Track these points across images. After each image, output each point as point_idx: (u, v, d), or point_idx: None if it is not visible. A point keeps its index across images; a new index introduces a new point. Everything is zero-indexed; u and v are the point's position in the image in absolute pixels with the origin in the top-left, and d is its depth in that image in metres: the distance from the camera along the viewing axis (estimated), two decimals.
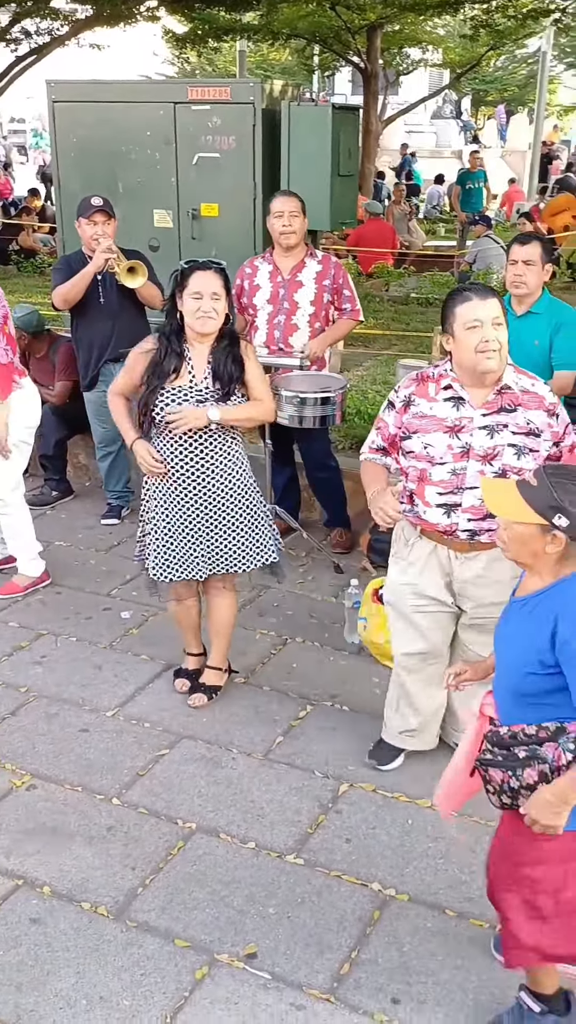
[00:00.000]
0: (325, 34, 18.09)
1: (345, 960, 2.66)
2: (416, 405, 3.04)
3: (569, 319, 4.19)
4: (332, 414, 4.62)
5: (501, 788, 2.20)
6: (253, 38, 17.98)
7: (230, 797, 3.30)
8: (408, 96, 24.85)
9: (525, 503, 2.11)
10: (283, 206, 4.73)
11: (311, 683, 3.98)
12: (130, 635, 4.36)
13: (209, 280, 3.32)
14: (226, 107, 6.92)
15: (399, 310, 10.01)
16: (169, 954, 2.68)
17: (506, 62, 32.25)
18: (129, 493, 5.65)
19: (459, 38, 19.14)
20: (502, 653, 2.28)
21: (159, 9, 14.47)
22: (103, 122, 7.27)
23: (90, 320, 5.17)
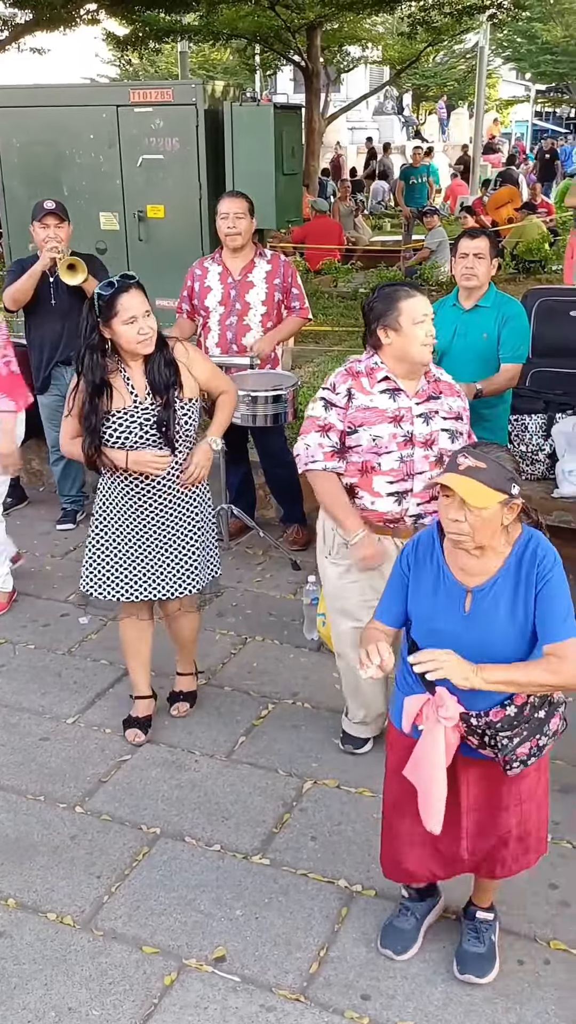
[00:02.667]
0: (266, 34, 18.07)
1: (314, 959, 2.66)
2: (356, 399, 3.11)
3: (516, 312, 4.23)
4: (284, 411, 4.63)
5: (529, 755, 2.30)
6: (194, 39, 17.91)
7: (194, 800, 3.29)
8: (350, 93, 24.96)
9: (487, 487, 2.17)
10: (228, 207, 4.70)
11: (272, 682, 3.98)
12: (89, 640, 4.32)
13: (138, 300, 3.13)
14: (168, 109, 6.92)
15: (348, 305, 10.04)
16: (137, 961, 2.66)
17: (445, 57, 32.53)
18: (83, 497, 5.60)
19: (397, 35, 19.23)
20: (471, 642, 2.27)
21: (99, 12, 14.36)
22: (46, 126, 7.23)
23: (41, 321, 5.15)
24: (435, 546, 2.38)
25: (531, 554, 2.28)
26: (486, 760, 2.37)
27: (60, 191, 7.12)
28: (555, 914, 2.80)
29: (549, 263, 11.66)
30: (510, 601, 2.27)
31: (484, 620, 2.28)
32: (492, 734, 2.28)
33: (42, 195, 7.27)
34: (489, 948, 2.62)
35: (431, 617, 2.35)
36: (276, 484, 5.20)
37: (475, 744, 2.35)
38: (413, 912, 2.71)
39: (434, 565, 2.37)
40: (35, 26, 13.15)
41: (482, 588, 2.29)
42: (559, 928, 2.75)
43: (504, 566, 2.28)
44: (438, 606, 2.33)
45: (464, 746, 2.37)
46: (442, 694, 2.32)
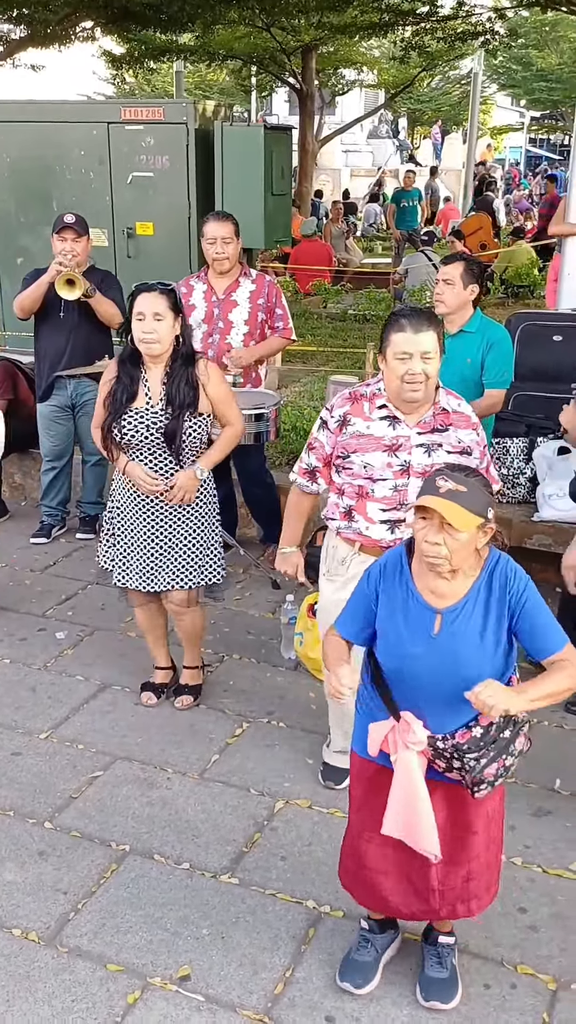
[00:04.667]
0: (261, 55, 18.26)
1: (279, 979, 2.65)
2: (352, 425, 3.05)
3: (500, 338, 4.26)
4: (266, 430, 4.64)
5: (496, 776, 2.29)
6: (190, 59, 18.06)
7: (165, 818, 3.28)
8: (344, 116, 25.17)
9: (467, 511, 2.18)
10: (215, 232, 4.69)
11: (248, 700, 3.97)
12: (65, 656, 4.31)
13: (152, 301, 3.33)
14: (160, 127, 6.98)
15: (336, 327, 10.10)
16: (101, 979, 2.64)
17: (440, 83, 32.87)
18: (63, 512, 5.60)
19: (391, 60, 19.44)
20: (439, 665, 2.27)
21: (95, 30, 14.46)
22: (37, 142, 7.29)
23: (48, 333, 5.22)
24: (403, 568, 2.37)
25: (500, 575, 2.29)
26: (452, 783, 2.37)
27: (50, 207, 7.17)
28: (523, 938, 2.79)
29: (538, 288, 11.76)
30: (480, 623, 2.28)
31: (453, 642, 2.28)
32: (459, 756, 2.28)
33: (32, 210, 7.36)
34: (452, 972, 2.60)
35: (400, 641, 2.33)
36: (255, 504, 5.20)
37: (441, 768, 2.34)
38: (373, 944, 2.67)
39: (403, 587, 2.35)
40: (30, 42, 13.22)
41: (452, 609, 2.29)
42: (526, 952, 2.74)
43: (474, 588, 2.29)
44: (407, 628, 2.32)
45: (429, 770, 2.36)
46: (408, 719, 2.31)
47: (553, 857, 3.10)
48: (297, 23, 16.03)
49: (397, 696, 2.35)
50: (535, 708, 2.24)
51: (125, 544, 3.68)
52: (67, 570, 5.15)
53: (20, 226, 7.51)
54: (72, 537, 5.55)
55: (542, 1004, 2.57)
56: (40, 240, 6.87)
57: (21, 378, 5.88)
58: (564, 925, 2.83)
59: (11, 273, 7.16)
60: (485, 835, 2.46)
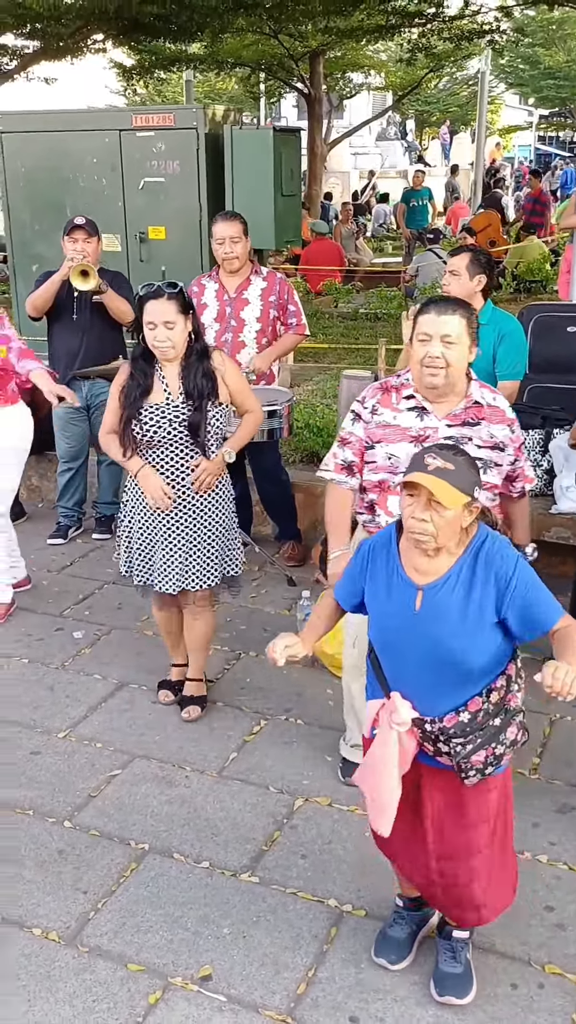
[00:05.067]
0: (269, 62, 18.32)
1: (302, 979, 2.61)
2: (380, 415, 3.00)
3: (511, 329, 4.22)
4: (279, 427, 4.63)
5: (486, 763, 2.27)
6: (199, 68, 18.13)
7: (183, 816, 3.25)
8: (353, 119, 25.19)
9: (455, 488, 2.17)
10: (224, 232, 4.69)
11: (265, 697, 3.95)
12: (82, 655, 4.30)
13: (160, 308, 3.30)
14: (170, 133, 7.02)
15: (348, 325, 10.08)
16: (122, 979, 2.61)
17: (448, 84, 32.86)
18: (80, 513, 5.60)
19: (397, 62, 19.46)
20: (422, 641, 2.26)
21: (106, 43, 14.53)
22: (51, 151, 7.34)
23: (61, 333, 5.22)
24: (391, 544, 2.38)
25: (488, 554, 2.27)
26: (448, 770, 2.34)
27: (63, 214, 7.18)
28: (550, 937, 2.74)
29: (550, 283, 11.69)
30: (463, 600, 2.26)
31: (434, 618, 2.26)
32: (445, 740, 2.26)
33: (46, 218, 7.39)
34: (466, 967, 2.56)
35: (384, 615, 2.35)
36: (270, 501, 5.19)
37: (431, 751, 2.32)
38: (407, 921, 2.67)
39: (389, 563, 2.36)
40: (43, 56, 13.30)
41: (433, 586, 2.28)
42: (554, 952, 2.69)
43: (456, 565, 2.27)
44: (391, 604, 2.33)
45: (423, 754, 2.35)
46: (395, 699, 2.30)
47: None
48: (304, 29, 16.07)
49: (388, 674, 2.35)
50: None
51: (142, 546, 3.63)
52: (84, 570, 5.15)
53: (35, 234, 7.54)
54: (88, 538, 5.54)
55: (571, 1005, 2.52)
56: (54, 247, 6.85)
57: None
58: None
59: (27, 279, 7.18)
60: (485, 830, 2.41)
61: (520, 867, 2.66)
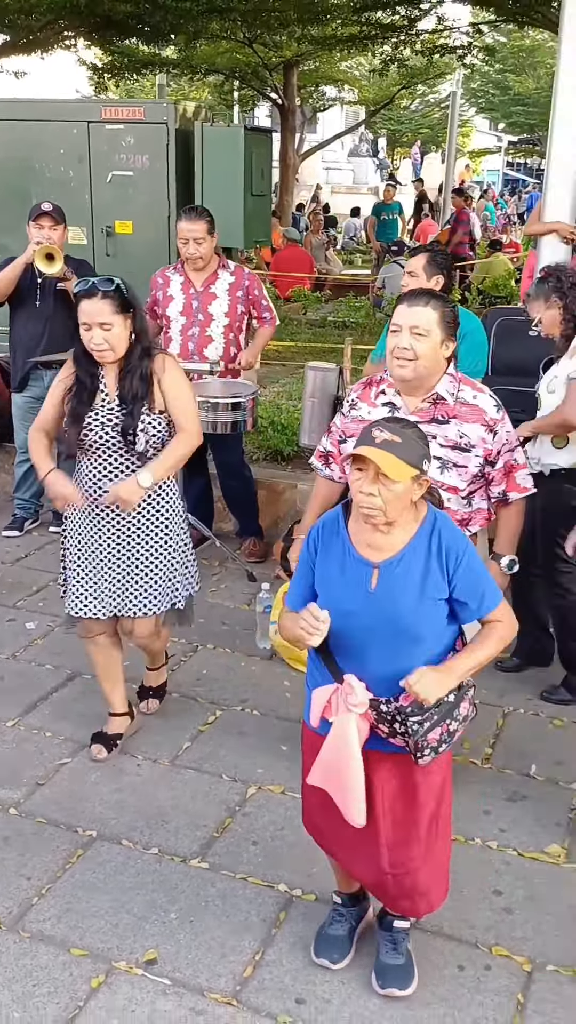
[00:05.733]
0: (243, 70, 18.37)
1: (248, 963, 2.57)
2: (357, 409, 2.98)
3: (472, 328, 4.22)
4: (243, 420, 4.59)
5: (440, 742, 2.24)
6: (172, 72, 18.13)
7: (134, 804, 3.19)
8: (326, 133, 25.35)
9: (402, 462, 2.15)
10: (189, 232, 4.63)
11: (221, 688, 3.90)
12: (35, 645, 4.22)
13: (95, 308, 2.99)
14: (140, 126, 6.95)
15: (316, 332, 10.10)
16: (64, 963, 2.55)
17: (420, 105, 33.26)
18: (37, 505, 5.52)
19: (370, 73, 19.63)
20: (378, 620, 2.23)
21: (77, 40, 14.49)
22: (17, 140, 7.23)
23: (24, 321, 5.14)
24: (340, 525, 2.34)
25: (439, 532, 2.26)
26: (398, 753, 2.30)
27: (28, 204, 7.08)
28: (498, 920, 2.73)
29: (515, 299, 11.80)
30: (420, 577, 2.24)
31: (391, 596, 2.23)
32: (402, 720, 2.22)
33: (10, 209, 7.28)
34: (407, 958, 2.52)
35: (339, 599, 2.27)
36: (231, 496, 5.15)
37: (385, 732, 2.27)
38: (347, 918, 2.63)
39: (339, 544, 2.31)
40: (11, 49, 13.21)
41: (389, 562, 2.25)
42: (501, 934, 2.68)
43: (412, 543, 2.25)
44: (345, 585, 2.28)
45: (375, 738, 2.29)
46: (350, 680, 2.25)
47: (528, 841, 3.04)
48: (279, 39, 16.16)
49: (339, 658, 2.30)
50: (466, 679, 2.27)
51: (77, 565, 3.27)
52: (39, 562, 5.07)
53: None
54: (45, 531, 5.46)
55: (517, 985, 2.51)
56: (20, 238, 6.74)
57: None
58: (539, 907, 2.77)
59: None
60: (428, 812, 2.37)
61: (470, 853, 2.66)
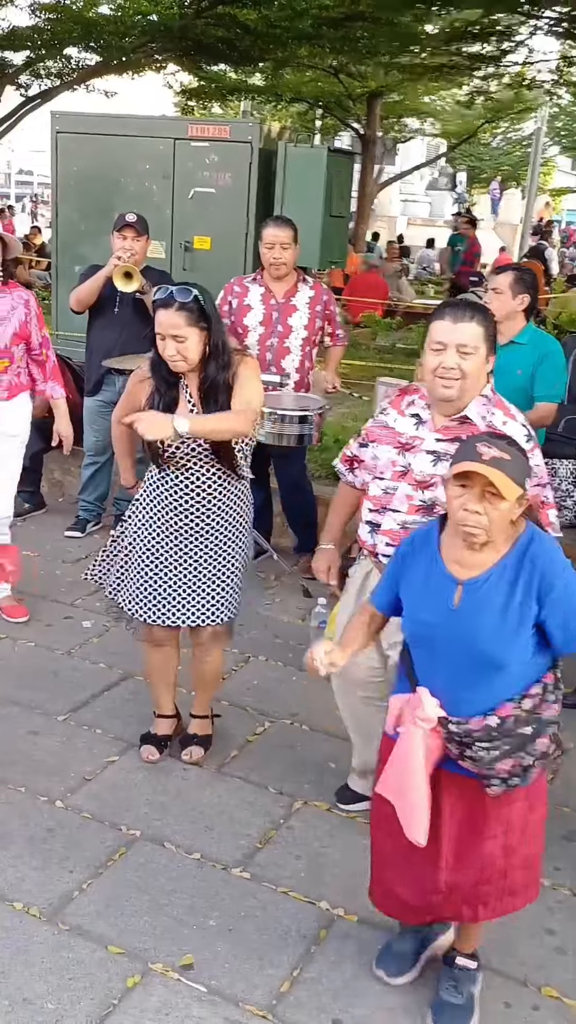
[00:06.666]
0: (327, 99, 18.58)
1: (286, 978, 2.52)
2: (386, 415, 2.90)
3: (552, 350, 4.18)
4: (310, 434, 4.58)
5: (511, 774, 2.16)
6: (258, 99, 18.43)
7: (178, 807, 3.17)
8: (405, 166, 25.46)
9: (511, 480, 2.09)
10: (275, 237, 4.68)
11: (271, 700, 3.87)
12: (90, 643, 4.24)
13: (170, 319, 2.96)
14: (224, 145, 7.06)
15: (384, 358, 10.08)
16: (101, 960, 2.52)
17: (502, 142, 33.25)
18: (100, 509, 5.57)
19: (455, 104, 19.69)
20: (457, 638, 2.17)
21: (167, 63, 14.82)
22: (104, 154, 7.40)
23: (102, 327, 5.21)
24: (432, 537, 2.29)
25: (534, 553, 2.17)
26: (470, 778, 2.23)
27: (111, 217, 7.24)
28: (548, 959, 2.63)
29: None
30: (504, 599, 2.16)
31: (473, 616, 2.16)
32: (469, 743, 2.16)
33: (93, 220, 7.45)
34: (468, 1000, 2.41)
35: (418, 607, 2.25)
36: (291, 511, 5.14)
37: (455, 754, 2.21)
38: (413, 938, 2.56)
39: (428, 555, 2.27)
40: (104, 69, 13.56)
41: (475, 581, 2.18)
42: (551, 974, 2.58)
43: (501, 562, 2.18)
44: (427, 596, 2.24)
45: (446, 758, 2.23)
46: (421, 694, 2.21)
47: None
48: (365, 69, 16.31)
49: (419, 670, 2.26)
50: None
51: (139, 567, 3.23)
52: None
53: (80, 234, 7.60)
54: (106, 534, 5.47)
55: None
56: (99, 249, 6.92)
57: (70, 376, 5.89)
58: None
59: (68, 277, 7.22)
60: (502, 842, 2.29)
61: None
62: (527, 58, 13.85)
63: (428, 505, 2.72)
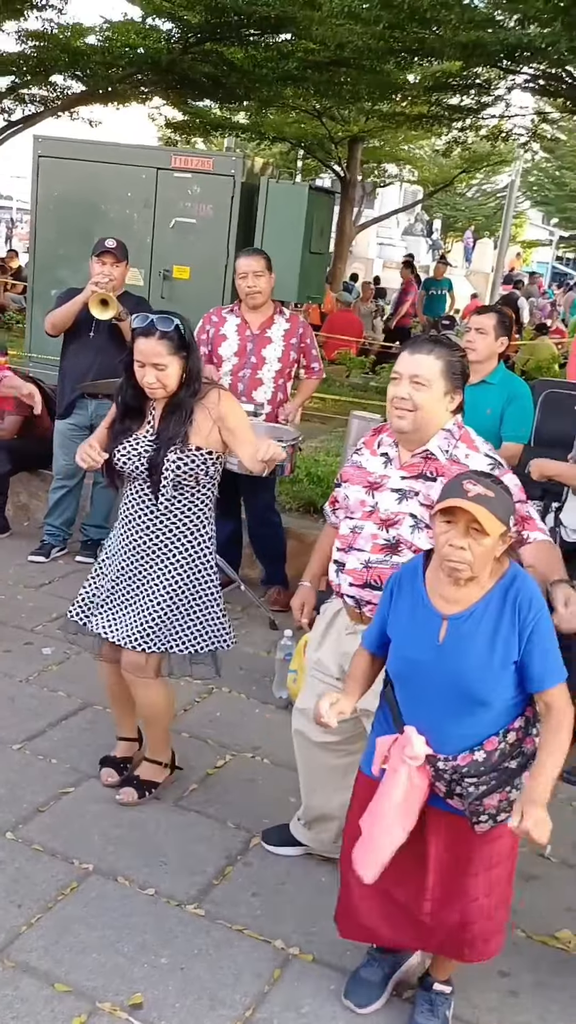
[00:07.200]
0: (309, 141, 18.87)
1: (238, 1018, 2.44)
2: (360, 454, 2.84)
3: (521, 393, 4.23)
4: (282, 464, 4.55)
5: (499, 809, 2.16)
6: (241, 136, 18.67)
7: (133, 841, 3.08)
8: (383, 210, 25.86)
9: (494, 516, 2.09)
10: (247, 267, 4.72)
11: (233, 733, 3.80)
12: (49, 671, 4.15)
13: (151, 348, 2.95)
14: (207, 177, 7.11)
15: (357, 395, 10.14)
16: (46, 998, 2.43)
17: (476, 194, 33.96)
18: (66, 534, 5.50)
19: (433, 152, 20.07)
20: (443, 674, 2.17)
21: (152, 96, 14.97)
22: (85, 179, 7.42)
23: (77, 351, 5.19)
24: (418, 573, 2.29)
25: (517, 591, 2.18)
26: (457, 815, 2.22)
27: (90, 243, 7.22)
28: (501, 1002, 2.58)
29: None
30: (490, 634, 2.16)
31: (459, 650, 2.16)
32: (458, 780, 2.14)
33: (73, 244, 7.45)
34: (443, 1022, 2.43)
35: (404, 644, 2.25)
36: (259, 542, 5.11)
37: (442, 792, 2.21)
38: (381, 964, 2.53)
39: (414, 592, 2.27)
40: (89, 98, 13.65)
41: (459, 616, 2.18)
42: (504, 1017, 2.53)
43: (486, 597, 2.18)
44: (413, 631, 2.23)
45: (433, 796, 2.23)
46: (409, 733, 2.20)
47: (540, 924, 2.90)
48: (348, 113, 16.60)
49: (404, 708, 2.25)
50: None
51: (103, 581, 3.22)
52: (62, 589, 5.02)
53: (59, 258, 7.59)
54: (71, 559, 5.43)
55: None
56: (78, 274, 6.90)
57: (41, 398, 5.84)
58: (545, 994, 2.63)
59: (44, 300, 7.20)
60: (486, 878, 2.29)
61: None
62: (504, 112, 14.20)
63: (392, 544, 2.65)
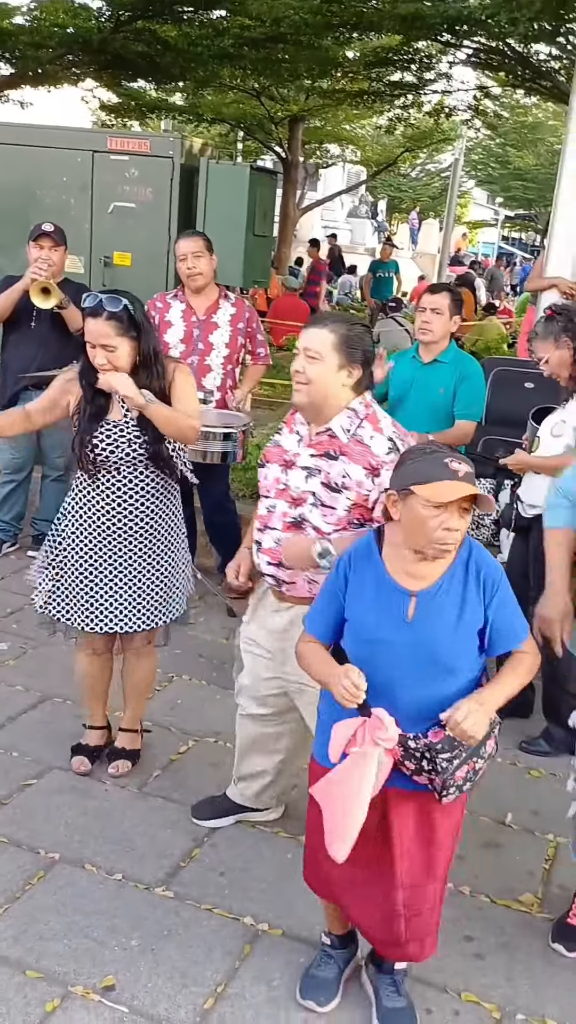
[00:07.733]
0: (249, 121, 18.73)
1: (210, 994, 2.48)
2: (280, 433, 2.82)
3: (473, 371, 4.27)
4: (234, 451, 4.58)
5: (465, 779, 2.20)
6: (179, 118, 18.46)
7: (99, 829, 3.10)
8: (327, 191, 25.81)
9: None
10: (186, 248, 4.66)
11: (194, 720, 3.83)
12: (6, 666, 4.13)
13: (99, 328, 2.94)
14: (145, 159, 7.01)
15: None
16: (18, 985, 2.45)
17: (421, 174, 34.01)
18: (16, 529, 5.45)
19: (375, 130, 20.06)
20: (414, 650, 2.16)
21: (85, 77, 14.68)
22: (19, 165, 7.26)
23: (17, 342, 5.09)
24: (372, 551, 2.26)
25: (476, 560, 2.22)
26: (420, 791, 2.23)
27: (26, 230, 7.11)
28: (468, 966, 2.66)
29: None
30: (457, 605, 2.18)
31: (429, 625, 2.17)
32: (431, 756, 2.15)
33: (7, 233, 7.30)
34: (408, 1000, 2.47)
35: (371, 628, 2.20)
36: (215, 529, 5.11)
37: (411, 769, 2.20)
38: (336, 961, 2.54)
39: (372, 572, 2.24)
40: (19, 80, 13.33)
41: (428, 591, 2.18)
42: (471, 980, 2.61)
43: (449, 570, 2.20)
44: (379, 615, 2.20)
45: (396, 775, 2.20)
46: (380, 715, 2.15)
47: (502, 888, 2.98)
48: (287, 93, 16.49)
49: (368, 691, 2.17)
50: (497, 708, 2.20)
51: (76, 579, 3.18)
52: (14, 585, 4.98)
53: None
54: (23, 554, 5.39)
55: None
56: (15, 262, 6.77)
57: None
58: (510, 955, 2.71)
59: None
60: (448, 853, 2.35)
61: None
62: (446, 88, 14.26)
63: (298, 523, 2.66)
